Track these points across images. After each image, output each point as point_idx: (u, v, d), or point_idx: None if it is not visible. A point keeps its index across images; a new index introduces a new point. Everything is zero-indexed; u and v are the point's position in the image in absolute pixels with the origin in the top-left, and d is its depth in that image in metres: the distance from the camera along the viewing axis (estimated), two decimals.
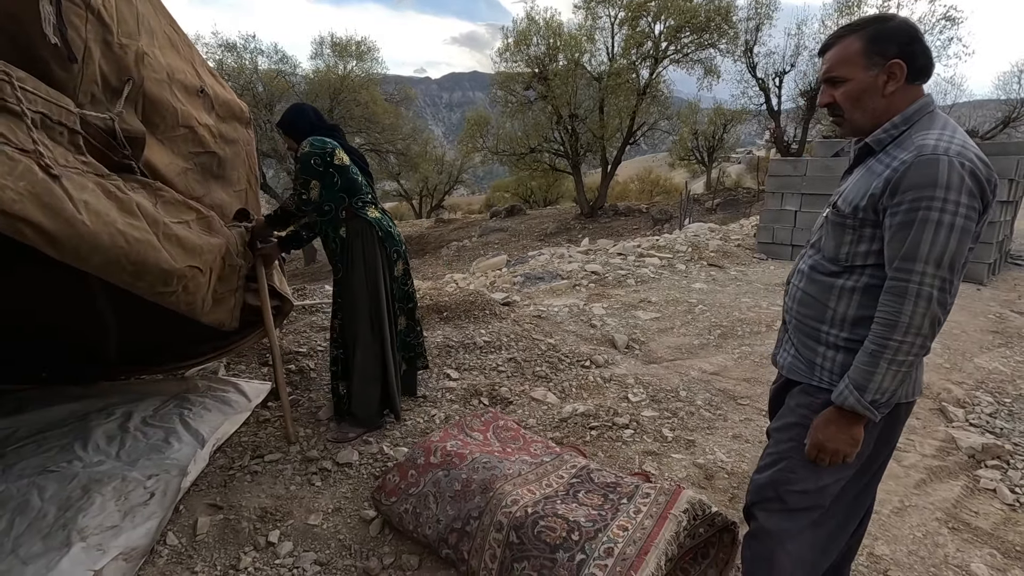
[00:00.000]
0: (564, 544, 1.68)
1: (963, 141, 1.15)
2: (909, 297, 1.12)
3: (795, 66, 17.91)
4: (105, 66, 1.71)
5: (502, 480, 1.96)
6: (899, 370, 1.15)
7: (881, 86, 1.22)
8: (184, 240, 1.89)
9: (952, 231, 1.09)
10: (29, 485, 2.24)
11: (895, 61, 1.20)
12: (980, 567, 1.94)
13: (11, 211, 1.30)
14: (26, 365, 3.21)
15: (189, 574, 1.90)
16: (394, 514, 2.05)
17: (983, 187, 1.11)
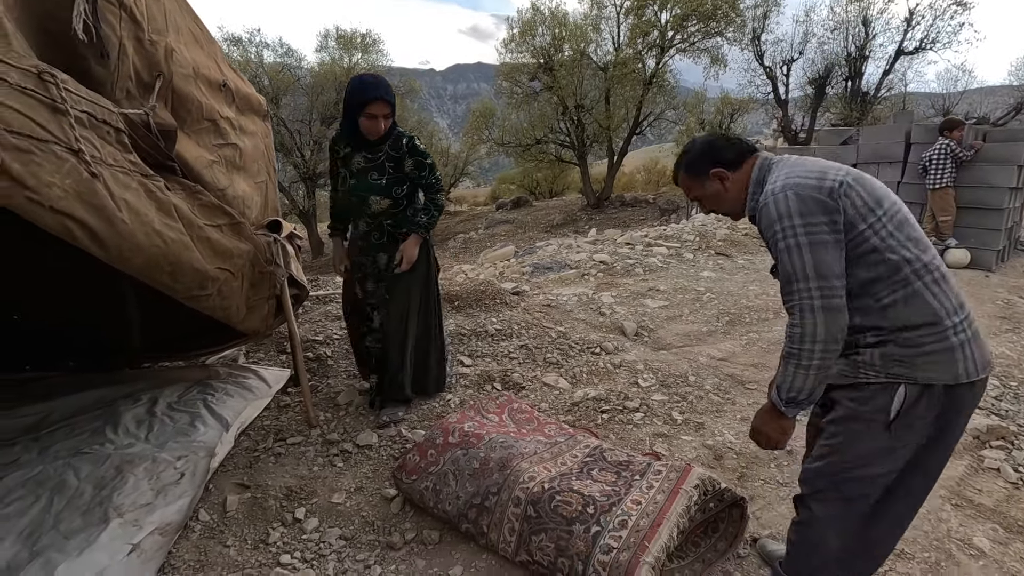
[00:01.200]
0: (580, 517, 1.76)
1: (787, 175, 1.36)
2: (797, 311, 1.31)
3: (803, 54, 17.77)
4: (138, 62, 1.78)
5: (519, 458, 2.04)
6: (807, 373, 1.32)
7: (721, 188, 1.52)
8: (215, 243, 1.96)
9: (802, 248, 1.29)
10: (64, 466, 2.34)
11: (713, 171, 1.51)
12: (983, 541, 2.01)
13: (58, 208, 1.37)
14: (53, 353, 3.31)
15: (222, 547, 1.99)
16: (415, 492, 2.13)
17: (815, 198, 1.30)
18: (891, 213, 1.33)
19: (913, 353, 1.30)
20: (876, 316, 1.32)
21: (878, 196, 1.34)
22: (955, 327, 1.30)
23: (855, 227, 1.31)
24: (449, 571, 1.88)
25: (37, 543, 1.94)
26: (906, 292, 1.30)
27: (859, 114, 16.55)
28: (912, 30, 15.89)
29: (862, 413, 1.36)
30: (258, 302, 2.40)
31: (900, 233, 1.32)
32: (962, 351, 1.29)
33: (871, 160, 6.81)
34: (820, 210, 1.29)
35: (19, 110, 1.26)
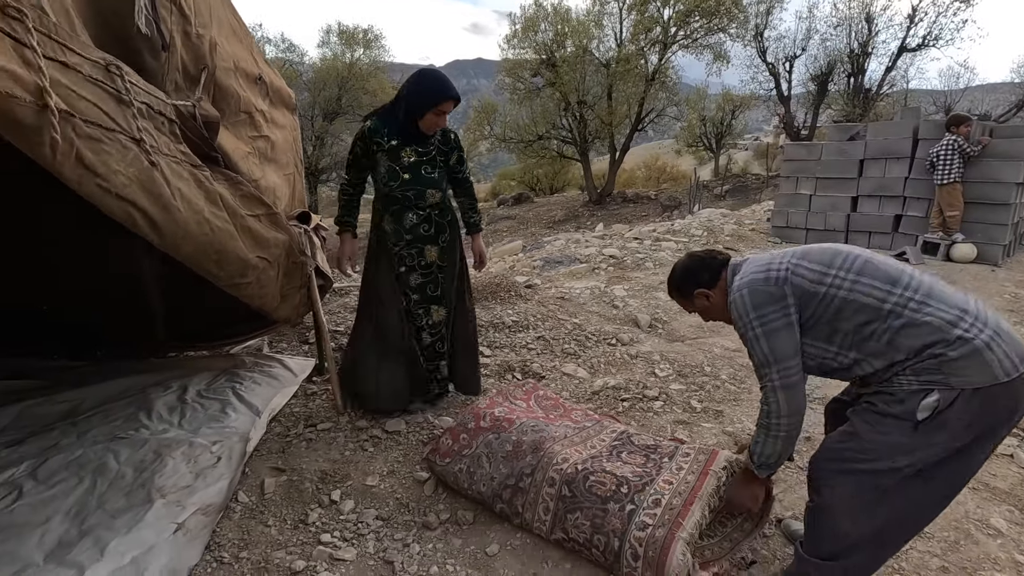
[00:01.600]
0: (614, 496, 1.83)
1: (742, 276, 1.58)
2: (765, 392, 1.52)
3: (806, 50, 17.82)
4: (185, 55, 1.83)
5: (550, 441, 2.11)
6: (776, 441, 1.55)
7: (708, 303, 1.73)
8: (255, 232, 2.02)
9: (759, 339, 1.49)
10: (104, 450, 2.40)
11: (698, 292, 1.73)
12: (999, 521, 2.08)
13: (123, 195, 1.43)
14: (82, 343, 3.37)
15: (263, 527, 2.05)
16: (448, 474, 2.19)
17: (763, 291, 1.49)
18: (846, 266, 1.45)
19: (942, 362, 1.32)
20: (890, 353, 1.38)
21: (826, 259, 1.48)
22: (967, 330, 1.32)
23: (816, 294, 1.45)
24: (486, 549, 1.94)
25: (85, 522, 2.00)
26: (899, 323, 1.36)
27: (861, 111, 16.60)
28: (915, 27, 15.95)
29: (892, 412, 1.40)
30: (291, 291, 2.46)
31: (864, 278, 1.42)
32: (990, 351, 1.30)
33: (878, 156, 6.87)
34: (769, 300, 1.47)
35: (91, 100, 1.32)
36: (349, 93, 20.87)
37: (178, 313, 3.42)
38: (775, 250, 1.62)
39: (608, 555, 1.77)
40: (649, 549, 1.68)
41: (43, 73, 1.13)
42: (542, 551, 1.93)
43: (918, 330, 1.34)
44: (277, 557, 1.91)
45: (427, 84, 2.37)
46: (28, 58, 1.12)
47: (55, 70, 1.20)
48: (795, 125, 18.58)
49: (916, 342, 1.35)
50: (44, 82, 1.13)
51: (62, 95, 1.21)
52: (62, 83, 1.22)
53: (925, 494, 1.44)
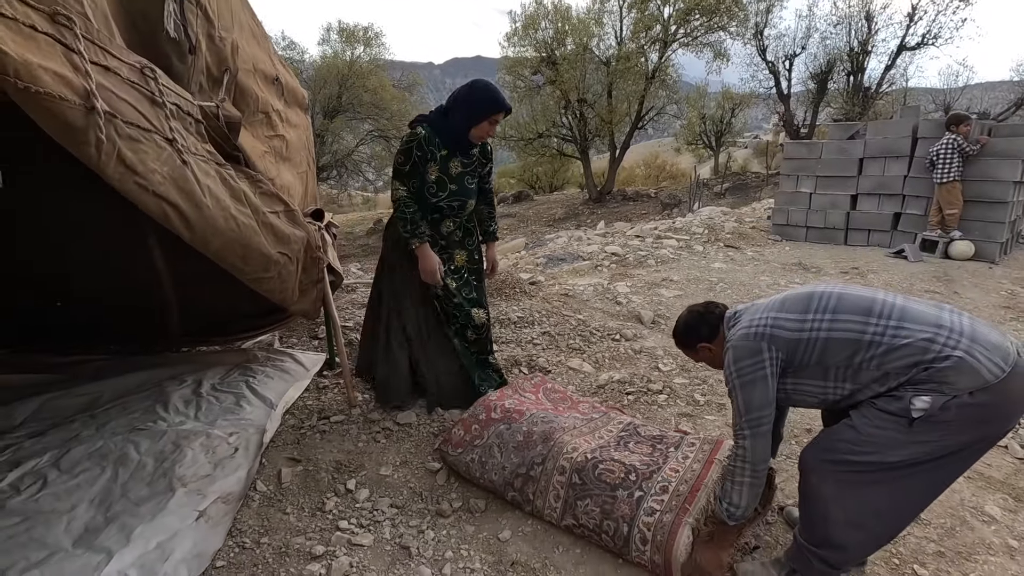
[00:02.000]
0: (623, 483, 1.90)
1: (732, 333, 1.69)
2: (736, 440, 1.66)
3: (805, 48, 17.86)
4: (209, 58, 1.90)
5: (560, 432, 2.18)
6: (741, 488, 1.66)
7: (711, 354, 1.85)
8: (276, 228, 2.08)
9: (736, 391, 1.62)
10: (124, 441, 2.47)
11: (700, 346, 1.86)
12: (994, 508, 2.15)
13: (158, 192, 1.49)
14: (99, 337, 3.44)
15: (282, 515, 2.12)
16: (461, 464, 2.26)
17: (744, 346, 1.61)
18: (821, 308, 1.55)
19: (934, 373, 1.40)
20: (883, 378, 1.47)
21: (803, 304, 1.59)
22: (946, 344, 1.40)
23: (800, 340, 1.55)
24: (499, 535, 2.01)
25: (110, 509, 2.07)
26: (881, 350, 1.45)
27: (860, 109, 16.66)
28: (914, 25, 16.01)
29: (889, 408, 1.47)
30: (308, 286, 2.52)
31: (840, 315, 1.52)
32: (972, 358, 1.38)
33: (878, 154, 6.93)
34: (748, 354, 1.59)
35: (129, 102, 1.38)
36: (350, 91, 20.88)
37: (191, 308, 3.48)
38: (765, 300, 1.74)
39: (617, 540, 1.84)
40: (657, 533, 1.76)
41: (90, 77, 1.20)
42: (553, 536, 2.00)
43: (901, 352, 1.43)
44: (297, 542, 1.98)
45: (482, 95, 2.40)
46: (76, 63, 1.18)
47: (99, 74, 1.26)
48: (795, 123, 18.63)
49: (903, 363, 1.43)
50: (91, 85, 1.20)
51: (105, 98, 1.27)
52: (105, 86, 1.28)
53: (914, 487, 1.52)
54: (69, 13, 1.16)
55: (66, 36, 1.15)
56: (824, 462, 1.57)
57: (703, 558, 1.76)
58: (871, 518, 1.56)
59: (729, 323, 1.76)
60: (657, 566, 1.77)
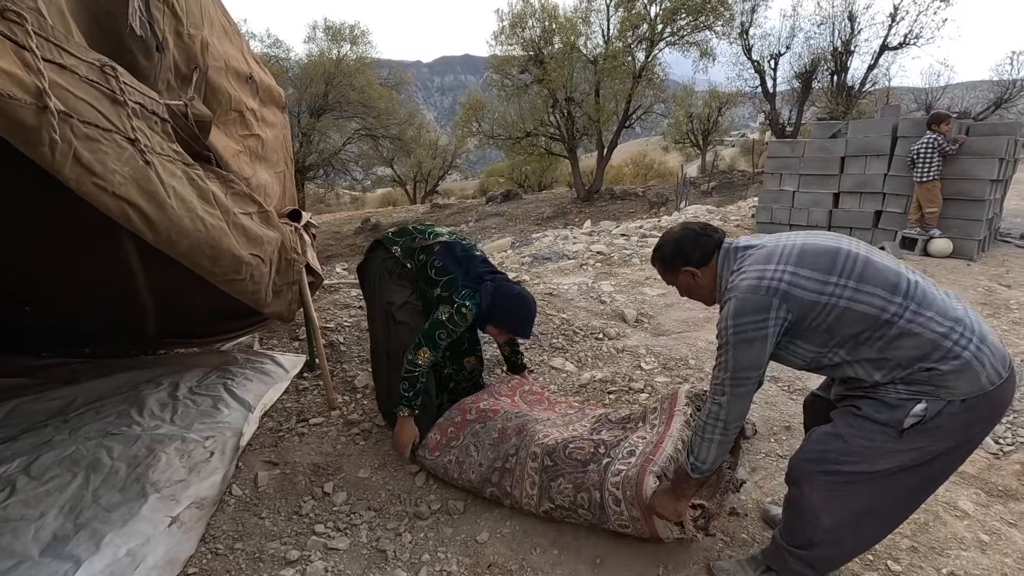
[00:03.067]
0: (593, 458, 1.93)
1: (736, 276, 1.52)
2: (713, 393, 1.53)
3: (790, 48, 18.01)
4: (177, 55, 1.86)
5: (534, 423, 2.20)
6: (710, 445, 1.54)
7: (693, 282, 1.68)
8: (248, 230, 2.05)
9: (728, 346, 1.47)
10: (97, 446, 2.42)
11: (683, 269, 1.67)
12: (967, 503, 2.18)
13: (119, 193, 1.46)
14: (73, 340, 3.37)
15: (257, 519, 2.10)
16: (439, 467, 2.25)
17: (750, 300, 1.43)
18: (848, 271, 1.40)
19: (932, 375, 1.35)
20: (880, 361, 1.40)
21: (828, 263, 1.42)
22: (957, 342, 1.34)
23: (817, 304, 1.40)
24: (476, 536, 2.00)
25: (80, 516, 2.03)
26: (893, 332, 1.37)
27: (844, 108, 16.83)
28: (896, 25, 16.19)
29: (879, 419, 1.42)
30: (283, 288, 2.49)
31: (866, 285, 1.38)
32: (978, 362, 1.33)
33: (859, 153, 7.00)
34: (753, 310, 1.42)
35: (87, 101, 1.35)
36: (336, 89, 20.73)
37: (168, 310, 3.43)
38: (775, 241, 1.54)
39: (593, 509, 1.86)
40: (626, 489, 1.78)
41: (42, 75, 1.17)
42: (531, 538, 1.99)
43: (911, 341, 1.36)
44: (272, 548, 1.95)
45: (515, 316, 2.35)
46: (28, 61, 1.15)
47: (53, 72, 1.23)
48: (780, 122, 18.78)
49: (908, 353, 1.36)
50: (43, 84, 1.17)
51: (60, 96, 1.24)
52: (60, 84, 1.25)
53: (902, 492, 1.50)
54: (20, 9, 1.13)
55: (16, 33, 1.12)
56: (814, 473, 1.53)
57: (659, 502, 1.70)
58: (861, 524, 1.55)
59: (728, 258, 1.59)
60: (638, 522, 1.77)
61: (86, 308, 3.35)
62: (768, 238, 1.57)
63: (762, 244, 1.55)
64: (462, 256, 2.42)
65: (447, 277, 2.37)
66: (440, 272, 2.39)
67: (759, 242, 1.57)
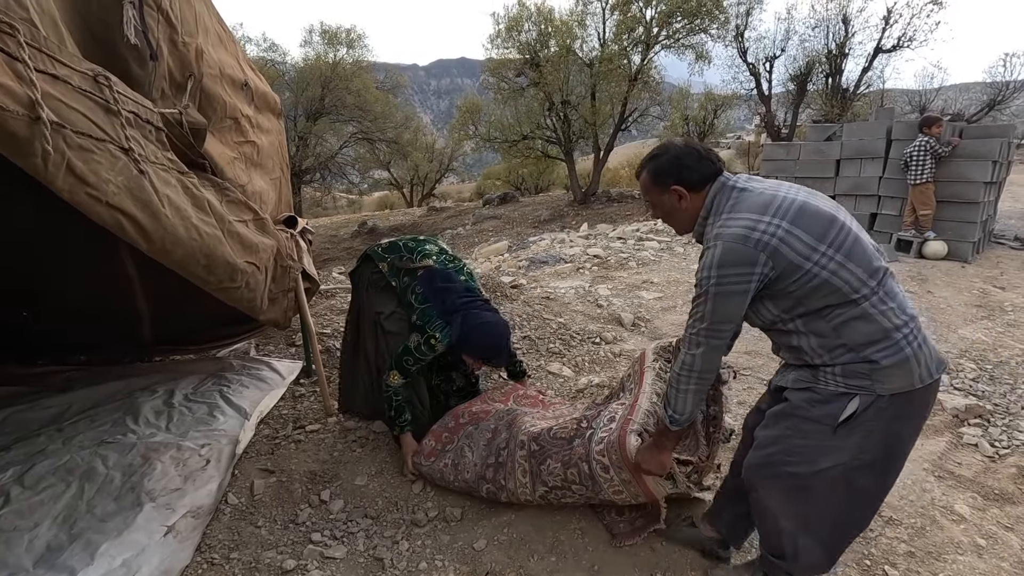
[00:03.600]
0: (577, 433, 1.95)
1: (726, 220, 1.41)
2: (687, 343, 1.47)
3: (785, 51, 18.08)
4: (172, 63, 1.86)
5: (523, 415, 2.24)
6: (685, 395, 1.49)
7: (677, 204, 1.54)
8: (243, 237, 2.05)
9: (709, 298, 1.39)
10: (92, 454, 2.41)
11: (674, 188, 1.52)
12: (963, 507, 2.18)
13: (112, 203, 1.45)
14: (68, 347, 3.35)
15: (253, 528, 2.08)
16: (434, 472, 2.24)
17: (737, 251, 1.34)
18: (838, 243, 1.34)
19: (872, 368, 1.35)
20: (831, 336, 1.38)
21: (822, 229, 1.35)
22: (905, 337, 1.35)
23: (800, 268, 1.34)
24: (474, 544, 1.99)
25: (74, 526, 2.02)
26: (855, 313, 1.35)
27: (839, 110, 16.90)
28: (890, 28, 16.26)
29: (812, 414, 1.43)
30: (279, 295, 2.48)
31: (850, 261, 1.34)
32: (916, 360, 1.35)
33: (854, 156, 7.03)
34: (739, 261, 1.34)
35: (81, 111, 1.34)
36: (332, 93, 20.72)
37: (164, 316, 3.41)
38: (774, 189, 1.43)
39: (585, 482, 1.87)
40: (611, 453, 1.78)
41: (35, 86, 1.16)
42: (528, 545, 1.99)
43: (868, 327, 1.35)
44: (268, 557, 1.94)
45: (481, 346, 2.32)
46: (20, 72, 1.14)
47: (46, 83, 1.22)
48: (776, 124, 18.85)
49: (860, 339, 1.35)
50: (36, 95, 1.16)
51: (53, 107, 1.24)
52: (52, 95, 1.24)
53: (853, 495, 1.48)
54: (11, 20, 1.12)
55: (8, 44, 1.12)
56: (765, 478, 1.55)
57: (643, 459, 1.68)
58: (819, 525, 1.54)
59: (722, 194, 1.48)
60: (630, 484, 1.77)
61: (82, 315, 3.33)
62: (768, 184, 1.47)
63: (760, 190, 1.44)
64: (441, 287, 2.41)
65: (423, 306, 2.38)
66: (419, 299, 2.41)
67: (758, 186, 1.46)
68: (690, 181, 1.50)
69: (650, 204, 1.60)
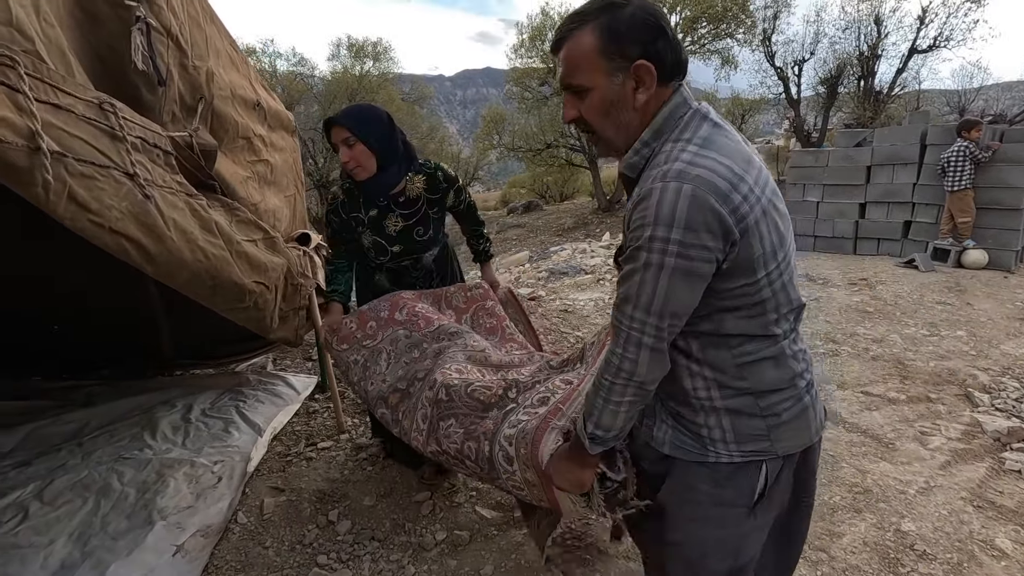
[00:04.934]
0: (499, 402, 1.51)
1: (697, 153, 0.91)
2: (623, 340, 0.98)
3: (814, 54, 17.68)
4: (182, 87, 1.87)
5: (459, 349, 1.80)
6: (617, 409, 1.03)
7: (631, 95, 0.98)
8: (252, 257, 2.05)
9: (662, 274, 0.90)
10: (108, 471, 2.45)
11: (641, 63, 0.95)
12: (1005, 542, 2.04)
13: (116, 228, 1.46)
14: (90, 362, 3.44)
15: (261, 549, 2.07)
16: (342, 362, 2.00)
17: (713, 210, 0.87)
18: (790, 255, 1.01)
19: (772, 424, 1.03)
20: (732, 374, 1.02)
21: (785, 231, 1.00)
22: (807, 385, 1.08)
23: (754, 273, 0.95)
24: (480, 570, 1.94)
25: (87, 544, 2.04)
26: (771, 352, 1.02)
27: (872, 113, 16.44)
28: (925, 28, 15.76)
29: (722, 497, 1.07)
30: (289, 313, 2.49)
31: (790, 285, 1.02)
32: (813, 410, 1.08)
33: (886, 162, 6.80)
34: (708, 228, 0.88)
35: (84, 139, 1.35)
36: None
37: (185, 330, 3.47)
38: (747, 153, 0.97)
39: (481, 463, 1.44)
40: (520, 445, 1.33)
41: (35, 117, 1.17)
42: (536, 572, 1.93)
43: (776, 370, 1.03)
44: None
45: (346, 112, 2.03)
46: (20, 103, 1.16)
47: (47, 112, 1.24)
48: (805, 128, 18.43)
49: (765, 384, 1.03)
50: (36, 125, 1.17)
51: (54, 136, 1.25)
52: (55, 124, 1.26)
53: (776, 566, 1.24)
54: (12, 54, 1.14)
55: (9, 77, 1.13)
56: None
57: (557, 469, 1.21)
58: None
59: (690, 116, 0.99)
60: (534, 487, 1.34)
61: (106, 330, 3.41)
62: (736, 137, 1.00)
63: (732, 140, 0.97)
64: None
65: None
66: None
67: (728, 132, 0.99)
68: (664, 60, 0.96)
69: (575, 89, 1.00)
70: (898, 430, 2.84)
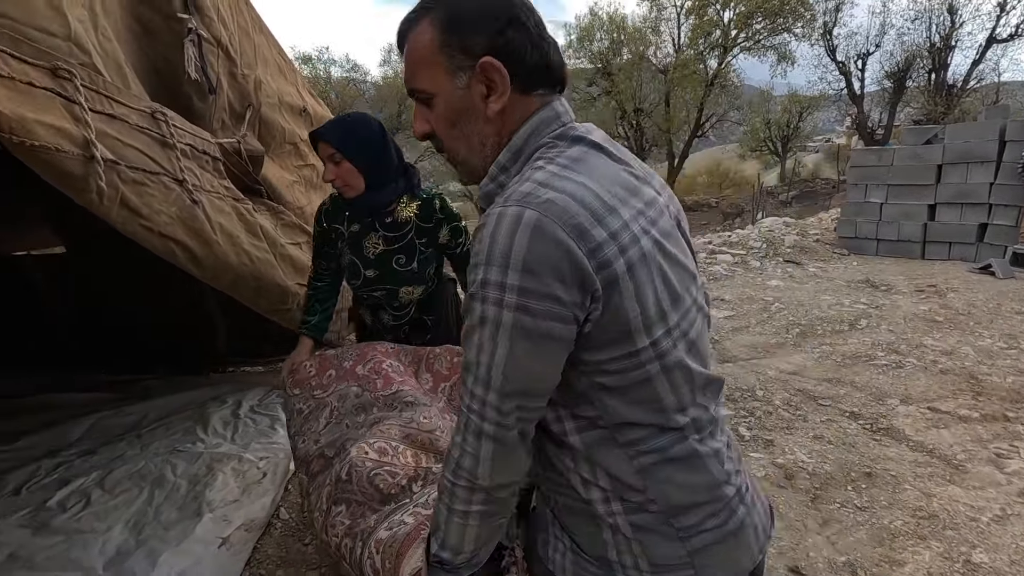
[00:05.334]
0: (399, 495, 1.27)
1: (554, 175, 0.68)
2: (459, 426, 0.74)
3: (880, 46, 16.79)
4: (231, 95, 1.94)
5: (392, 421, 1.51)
6: (463, 523, 0.76)
7: (480, 103, 0.75)
8: (296, 260, 2.11)
9: (500, 331, 0.65)
10: (163, 462, 2.56)
11: (487, 60, 0.72)
12: None
13: (165, 233, 1.53)
14: (148, 358, 3.63)
15: (301, 546, 2.12)
16: (287, 408, 1.74)
17: (566, 251, 0.63)
18: (691, 317, 0.75)
19: (694, 548, 0.75)
20: (632, 480, 0.74)
21: (679, 285, 0.73)
22: (738, 492, 0.79)
23: (631, 341, 0.68)
24: None
25: (141, 532, 2.13)
26: (678, 451, 0.74)
27: (944, 108, 15.44)
28: (1006, 15, 14.69)
29: None
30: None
31: (693, 357, 0.75)
32: (752, 524, 0.80)
33: (959, 160, 6.35)
34: (557, 271, 0.63)
35: (137, 147, 1.42)
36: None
37: (238, 329, 3.62)
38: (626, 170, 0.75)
39: (354, 566, 1.18)
40: (387, 557, 1.08)
41: (90, 127, 1.23)
42: None
43: (691, 475, 0.75)
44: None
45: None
46: (76, 114, 1.22)
47: (102, 122, 1.30)
48: (869, 125, 17.51)
49: (678, 496, 0.74)
50: (91, 135, 1.23)
51: (108, 145, 1.31)
52: (108, 134, 1.32)
53: None
54: (70, 67, 1.20)
55: (67, 89, 1.19)
56: None
57: None
58: None
59: (556, 134, 0.76)
60: None
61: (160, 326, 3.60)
62: (626, 161, 0.77)
63: (615, 164, 0.75)
64: None
65: None
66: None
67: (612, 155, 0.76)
68: (520, 60, 0.73)
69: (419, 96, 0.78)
70: (970, 451, 2.63)
